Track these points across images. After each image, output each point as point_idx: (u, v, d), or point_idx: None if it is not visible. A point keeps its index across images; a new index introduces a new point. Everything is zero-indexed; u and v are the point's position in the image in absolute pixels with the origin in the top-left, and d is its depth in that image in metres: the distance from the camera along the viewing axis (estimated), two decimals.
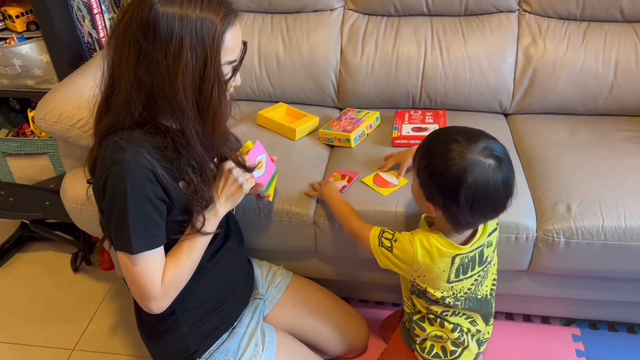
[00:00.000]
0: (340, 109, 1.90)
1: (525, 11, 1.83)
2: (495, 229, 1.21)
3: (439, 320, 1.23)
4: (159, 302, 1.08)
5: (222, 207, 1.15)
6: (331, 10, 1.90)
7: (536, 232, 1.39)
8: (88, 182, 1.18)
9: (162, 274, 1.06)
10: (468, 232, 1.15)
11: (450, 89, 1.81)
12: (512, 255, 1.42)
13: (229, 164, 1.14)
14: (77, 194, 1.52)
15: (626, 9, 1.75)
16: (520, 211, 1.40)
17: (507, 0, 1.82)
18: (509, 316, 1.72)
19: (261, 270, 1.48)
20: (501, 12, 1.84)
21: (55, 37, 1.93)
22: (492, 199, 1.06)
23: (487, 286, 1.25)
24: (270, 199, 1.38)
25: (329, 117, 1.80)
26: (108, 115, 1.04)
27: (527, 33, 1.80)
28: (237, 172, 1.15)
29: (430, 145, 1.11)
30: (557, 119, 1.80)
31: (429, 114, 1.75)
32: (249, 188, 1.17)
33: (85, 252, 1.96)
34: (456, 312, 1.22)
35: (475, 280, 1.20)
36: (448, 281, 1.16)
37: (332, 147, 1.71)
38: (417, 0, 1.83)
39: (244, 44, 1.07)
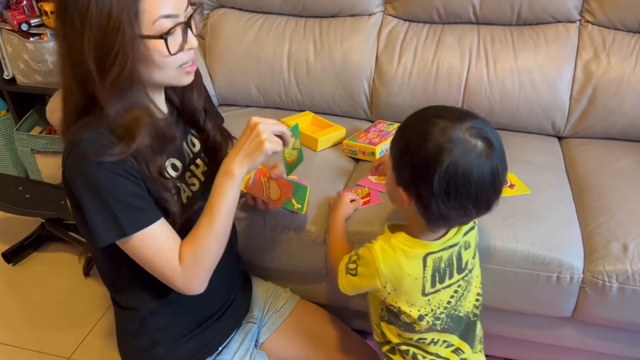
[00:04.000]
0: (372, 122, 1.75)
1: (588, 22, 1.62)
2: (472, 228, 1.01)
3: (411, 352, 1.03)
4: (186, 281, 0.98)
5: (237, 166, 0.97)
6: (369, 15, 1.76)
7: (583, 272, 1.18)
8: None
9: (180, 253, 0.97)
10: (442, 232, 0.96)
11: (495, 105, 1.62)
12: (552, 298, 1.22)
13: (257, 118, 0.98)
14: None
15: None
16: (564, 246, 1.20)
17: (568, 9, 1.62)
18: None
19: (262, 291, 1.34)
20: (559, 22, 1.64)
21: None
22: (475, 189, 0.85)
23: (469, 302, 1.04)
24: (302, 212, 1.23)
25: (358, 129, 1.65)
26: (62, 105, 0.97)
27: (588, 46, 1.59)
28: (264, 127, 0.97)
29: (409, 120, 0.92)
30: (619, 145, 1.58)
31: None
32: (272, 149, 0.97)
33: None
34: (435, 340, 1.02)
35: (455, 291, 0.99)
36: (424, 293, 0.96)
37: (357, 160, 1.55)
38: (463, 6, 1.67)
39: (199, 4, 0.97)
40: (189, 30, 0.94)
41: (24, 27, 1.96)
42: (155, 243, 0.96)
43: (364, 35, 1.73)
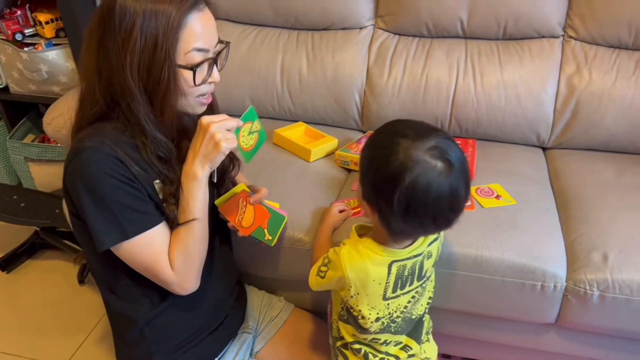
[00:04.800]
0: (364, 132, 1.79)
1: (571, 37, 1.68)
2: (436, 239, 1.06)
3: (363, 350, 1.08)
4: (180, 283, 1.03)
5: (199, 168, 1.00)
6: (360, 28, 1.81)
7: (566, 281, 1.23)
8: None
9: (169, 259, 1.00)
10: (407, 242, 1.00)
11: (482, 117, 1.67)
12: (537, 305, 1.26)
13: (208, 118, 1.00)
14: None
15: None
16: (548, 256, 1.24)
17: (551, 24, 1.68)
18: None
19: (256, 301, 1.37)
20: (543, 37, 1.70)
21: (82, 45, 1.92)
22: (432, 208, 0.88)
23: (422, 305, 1.10)
24: (272, 244, 1.23)
25: (350, 140, 1.69)
26: (77, 110, 1.03)
27: (571, 61, 1.65)
28: (217, 127, 0.98)
29: (376, 136, 0.96)
30: (601, 157, 1.63)
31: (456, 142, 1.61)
32: (229, 148, 0.99)
33: None
34: (387, 341, 1.07)
35: (413, 297, 1.04)
36: (384, 297, 1.00)
37: (349, 171, 1.60)
38: (451, 21, 1.72)
39: (227, 43, 1.03)
40: (214, 66, 1.00)
41: (18, 37, 1.97)
42: (154, 246, 1.00)
43: (355, 48, 1.77)
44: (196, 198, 1.02)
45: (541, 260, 1.23)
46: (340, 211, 1.34)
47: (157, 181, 1.02)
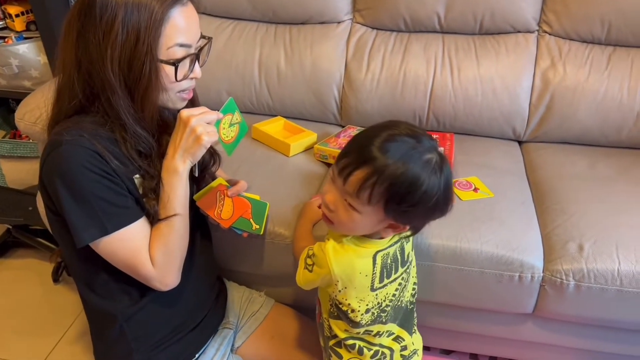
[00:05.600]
0: (343, 127, 1.79)
1: (545, 32, 1.71)
2: None
3: (357, 346, 1.08)
4: (161, 279, 1.02)
5: (179, 162, 0.99)
6: (338, 22, 1.80)
7: (543, 272, 1.25)
8: None
9: (150, 254, 0.99)
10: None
11: (459, 111, 1.69)
12: (515, 296, 1.28)
13: (187, 111, 0.99)
14: None
15: None
16: (525, 248, 1.26)
17: (526, 19, 1.70)
18: None
19: (237, 296, 1.36)
20: (519, 32, 1.72)
21: (53, 38, 1.88)
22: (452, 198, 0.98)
23: (408, 292, 1.11)
24: (260, 232, 1.23)
25: (329, 134, 1.69)
26: (54, 103, 1.00)
27: (545, 55, 1.68)
28: (197, 121, 0.97)
29: (405, 169, 0.89)
30: (575, 150, 1.67)
31: (434, 136, 1.61)
32: (210, 141, 0.99)
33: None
34: (380, 332, 1.07)
35: (399, 284, 1.05)
36: (372, 289, 1.01)
37: (328, 165, 1.59)
38: (429, 16, 1.73)
39: (209, 39, 1.02)
40: (196, 61, 0.99)
41: None
42: (134, 242, 0.98)
43: (333, 42, 1.77)
44: (177, 193, 1.01)
45: (519, 251, 1.25)
46: (319, 206, 1.33)
47: (137, 176, 1.00)
